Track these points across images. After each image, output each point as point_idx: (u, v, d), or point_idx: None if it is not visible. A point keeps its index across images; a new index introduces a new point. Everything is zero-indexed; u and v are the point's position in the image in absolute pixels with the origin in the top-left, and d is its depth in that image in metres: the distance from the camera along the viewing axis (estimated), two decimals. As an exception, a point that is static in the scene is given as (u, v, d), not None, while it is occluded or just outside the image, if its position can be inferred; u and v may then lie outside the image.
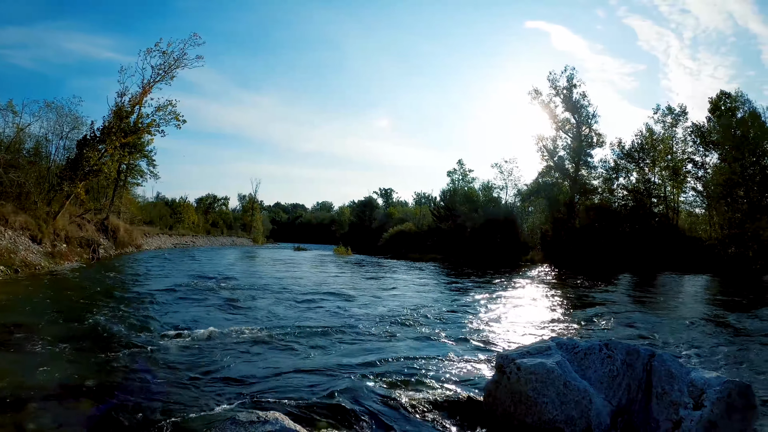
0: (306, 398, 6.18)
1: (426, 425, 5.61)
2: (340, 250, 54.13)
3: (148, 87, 26.57)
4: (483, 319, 12.87)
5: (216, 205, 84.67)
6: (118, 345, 8.35)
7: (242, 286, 17.54)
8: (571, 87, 44.33)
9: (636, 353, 5.33)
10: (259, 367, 7.60)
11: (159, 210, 61.20)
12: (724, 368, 8.46)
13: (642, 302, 17.44)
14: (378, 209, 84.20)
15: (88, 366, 7.07)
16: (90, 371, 6.81)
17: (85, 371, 6.78)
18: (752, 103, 38.41)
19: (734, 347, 10.10)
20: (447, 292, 18.99)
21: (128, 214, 44.26)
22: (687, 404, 4.67)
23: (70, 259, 22.95)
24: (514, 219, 48.20)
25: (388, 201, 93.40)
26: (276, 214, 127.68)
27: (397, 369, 7.68)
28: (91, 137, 25.69)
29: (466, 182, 57.38)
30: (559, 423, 5.02)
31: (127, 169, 43.36)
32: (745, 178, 35.15)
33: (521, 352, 5.71)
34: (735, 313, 14.32)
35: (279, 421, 4.30)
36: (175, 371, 7.15)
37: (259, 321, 11.30)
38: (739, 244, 33.61)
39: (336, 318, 12.21)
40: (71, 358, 7.42)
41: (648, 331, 11.72)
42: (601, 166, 45.24)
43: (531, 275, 28.99)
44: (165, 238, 51.00)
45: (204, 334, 9.46)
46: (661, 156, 42.08)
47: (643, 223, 39.83)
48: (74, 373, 6.64)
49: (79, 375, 6.59)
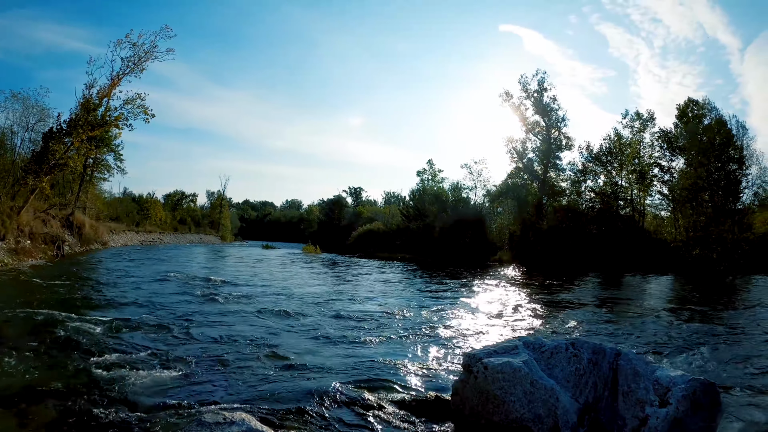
0: (273, 399, 6.17)
1: (394, 425, 5.62)
2: (309, 248, 53.74)
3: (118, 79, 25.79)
4: (451, 319, 12.86)
5: (184, 202, 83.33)
6: (80, 347, 8.08)
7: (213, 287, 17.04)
8: (541, 90, 44.68)
9: (602, 352, 5.39)
10: (225, 369, 7.45)
11: (126, 206, 59.75)
12: (689, 366, 8.56)
13: (608, 302, 17.55)
14: (347, 208, 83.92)
15: (48, 369, 6.89)
16: (51, 374, 6.63)
17: (45, 374, 6.60)
18: (719, 111, 39.19)
19: (699, 346, 10.20)
20: (415, 292, 18.85)
21: (94, 209, 43.27)
22: (653, 402, 4.72)
23: (34, 256, 22.21)
24: (482, 219, 48.44)
25: (358, 200, 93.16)
26: (245, 211, 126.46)
27: (364, 370, 7.69)
28: (57, 130, 24.83)
29: (435, 182, 57.54)
30: (526, 421, 5.03)
31: (93, 164, 42.35)
32: (711, 182, 35.78)
33: (488, 352, 5.72)
34: (699, 313, 14.59)
35: (245, 422, 4.28)
36: (137, 370, 7.00)
37: (225, 323, 10.95)
38: (703, 246, 34.24)
39: (303, 319, 11.99)
40: (32, 360, 7.18)
41: (614, 330, 11.97)
42: (569, 168, 45.75)
43: (499, 275, 29.08)
44: (132, 235, 49.76)
45: (168, 332, 9.35)
46: (629, 160, 42.65)
47: (610, 225, 40.33)
48: (34, 376, 6.47)
49: (39, 378, 6.41)
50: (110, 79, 25.62)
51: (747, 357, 9.34)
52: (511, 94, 45.66)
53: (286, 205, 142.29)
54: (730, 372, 8.32)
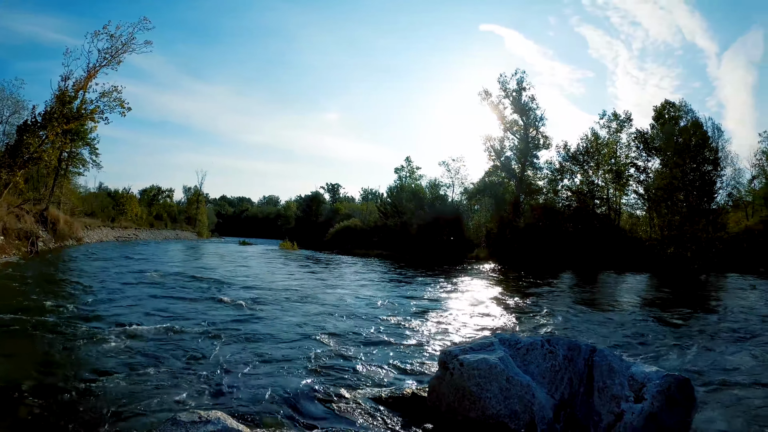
0: (249, 397, 6.08)
1: (370, 421, 5.54)
2: (286, 245, 53.42)
3: (94, 71, 25.17)
4: (427, 315, 12.75)
5: (160, 197, 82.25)
6: (55, 345, 7.96)
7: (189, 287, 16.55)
8: (520, 90, 45.06)
9: (577, 348, 5.42)
10: (201, 366, 7.29)
11: (101, 201, 58.43)
12: (663, 362, 8.59)
13: (583, 299, 17.62)
14: (324, 204, 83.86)
15: (23, 367, 6.76)
16: (26, 372, 6.49)
17: (19, 372, 6.46)
18: (695, 113, 40.13)
19: (673, 342, 10.35)
20: (391, 289, 18.67)
21: (69, 205, 42.38)
22: (628, 397, 4.77)
23: (7, 252, 21.66)
24: (460, 217, 48.54)
25: (335, 196, 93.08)
26: (222, 207, 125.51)
27: (341, 366, 7.64)
28: (32, 122, 24.13)
29: (413, 179, 57.60)
30: (503, 417, 5.04)
31: (68, 158, 41.68)
32: (686, 183, 36.35)
33: (464, 348, 5.73)
34: (673, 311, 14.71)
35: (221, 421, 4.19)
36: (113, 371, 6.79)
37: (200, 319, 10.70)
38: (678, 244, 34.80)
39: (280, 315, 11.79)
40: (4, 359, 7.05)
41: (589, 327, 11.96)
42: (546, 167, 46.29)
43: (476, 272, 29.07)
44: (107, 231, 48.75)
45: (144, 332, 9.08)
46: (605, 159, 43.22)
47: (586, 223, 40.69)
48: (8, 375, 6.30)
49: (14, 376, 6.25)
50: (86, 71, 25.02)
51: (720, 353, 9.43)
52: (490, 93, 46.02)
53: (263, 201, 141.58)
54: (704, 368, 8.37)
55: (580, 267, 33.25)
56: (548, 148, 45.67)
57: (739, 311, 14.69)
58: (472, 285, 21.38)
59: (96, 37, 24.89)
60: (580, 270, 31.56)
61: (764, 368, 8.40)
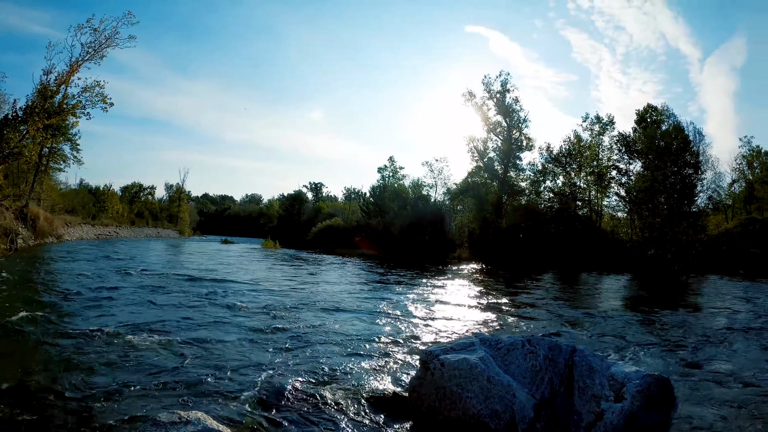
0: (230, 397, 6.02)
1: (352, 421, 5.52)
2: (268, 243, 53.12)
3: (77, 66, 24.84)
4: (409, 315, 12.72)
5: (142, 195, 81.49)
6: (33, 347, 7.82)
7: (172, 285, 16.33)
8: (504, 91, 45.12)
9: (558, 349, 5.48)
10: (180, 368, 7.15)
11: (82, 198, 57.86)
12: (643, 362, 8.69)
13: (564, 299, 17.64)
14: (307, 203, 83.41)
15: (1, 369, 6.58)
16: (3, 375, 6.29)
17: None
18: (677, 118, 40.65)
19: (652, 342, 10.45)
20: (374, 289, 18.59)
21: (49, 201, 41.84)
22: (608, 397, 4.82)
23: (-15, 249, 21.21)
24: (443, 217, 48.46)
25: (318, 195, 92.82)
26: (204, 205, 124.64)
27: (322, 366, 7.56)
28: (12, 117, 23.76)
29: (396, 179, 57.37)
30: (484, 417, 5.07)
31: (49, 153, 41.17)
32: (667, 186, 36.73)
33: (445, 349, 5.79)
34: (653, 311, 14.90)
35: (201, 421, 4.18)
36: (93, 373, 6.68)
37: (178, 321, 10.48)
38: (658, 246, 35.13)
39: (260, 315, 11.64)
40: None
41: (570, 328, 11.99)
42: (529, 168, 46.55)
43: (458, 272, 29.09)
44: (87, 229, 47.90)
45: (123, 334, 8.82)
46: (588, 162, 43.69)
47: (568, 225, 41.06)
48: None
49: None
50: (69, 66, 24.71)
51: (699, 353, 9.54)
52: (474, 94, 46.01)
53: (246, 200, 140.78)
54: (684, 367, 8.44)
55: (562, 268, 33.41)
56: (531, 150, 45.96)
57: (718, 312, 14.84)
58: (454, 285, 21.36)
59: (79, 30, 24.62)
60: (562, 271, 31.70)
61: (743, 367, 8.46)
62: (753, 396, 6.92)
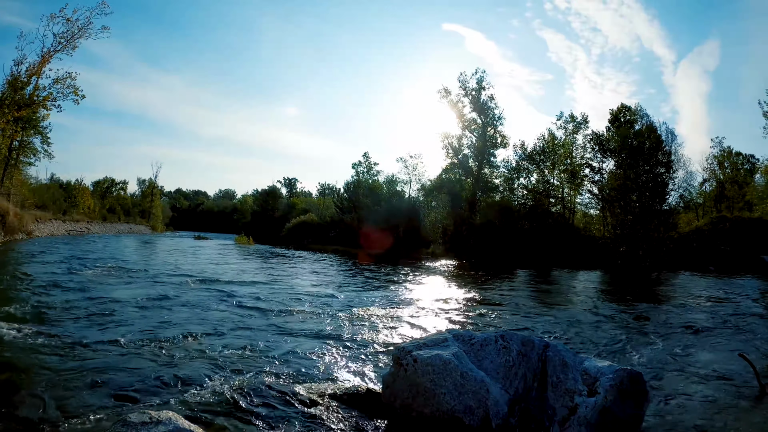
0: (201, 396, 5.95)
1: (325, 419, 5.49)
2: (242, 239, 52.56)
3: (48, 56, 24.32)
4: (381, 311, 12.64)
5: (114, 190, 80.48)
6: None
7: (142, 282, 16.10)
8: (479, 89, 45.09)
9: (531, 344, 5.48)
10: (148, 366, 7.05)
11: (52, 193, 56.50)
12: (615, 357, 8.77)
13: (537, 295, 17.81)
14: (281, 199, 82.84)
15: None
16: None
17: None
18: (650, 118, 40.87)
19: (625, 337, 10.57)
20: (347, 285, 18.53)
21: (19, 196, 40.47)
22: (581, 392, 4.85)
23: (-47, 246, 20.50)
24: (417, 213, 48.70)
25: (292, 191, 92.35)
26: (177, 200, 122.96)
27: (295, 364, 7.56)
28: (-20, 108, 23.18)
29: (370, 175, 57.37)
30: (457, 412, 5.06)
31: (19, 147, 39.65)
32: (639, 184, 37.13)
33: (418, 345, 5.78)
34: (625, 306, 15.16)
35: (173, 421, 4.12)
36: (58, 373, 6.47)
37: (149, 318, 10.34)
38: (630, 243, 35.55)
39: (231, 313, 11.52)
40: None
41: (542, 323, 12.08)
42: (503, 166, 46.71)
43: (431, 268, 29.15)
44: (58, 224, 46.96)
45: (88, 333, 8.60)
46: (561, 160, 44.08)
47: (541, 222, 41.41)
48: None
49: None
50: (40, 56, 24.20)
51: (671, 347, 9.61)
52: (449, 91, 45.90)
53: (219, 195, 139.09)
54: (656, 361, 8.52)
55: (535, 264, 33.62)
56: (506, 147, 46.02)
57: (690, 307, 14.98)
58: (428, 281, 21.41)
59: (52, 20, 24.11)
60: (535, 267, 31.90)
61: (714, 361, 8.54)
62: (725, 388, 7.00)
